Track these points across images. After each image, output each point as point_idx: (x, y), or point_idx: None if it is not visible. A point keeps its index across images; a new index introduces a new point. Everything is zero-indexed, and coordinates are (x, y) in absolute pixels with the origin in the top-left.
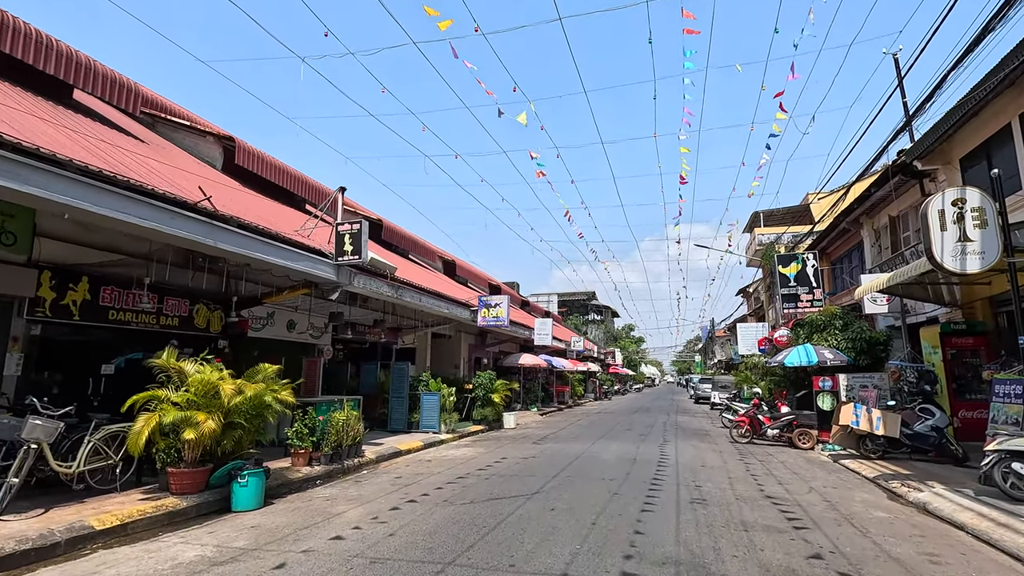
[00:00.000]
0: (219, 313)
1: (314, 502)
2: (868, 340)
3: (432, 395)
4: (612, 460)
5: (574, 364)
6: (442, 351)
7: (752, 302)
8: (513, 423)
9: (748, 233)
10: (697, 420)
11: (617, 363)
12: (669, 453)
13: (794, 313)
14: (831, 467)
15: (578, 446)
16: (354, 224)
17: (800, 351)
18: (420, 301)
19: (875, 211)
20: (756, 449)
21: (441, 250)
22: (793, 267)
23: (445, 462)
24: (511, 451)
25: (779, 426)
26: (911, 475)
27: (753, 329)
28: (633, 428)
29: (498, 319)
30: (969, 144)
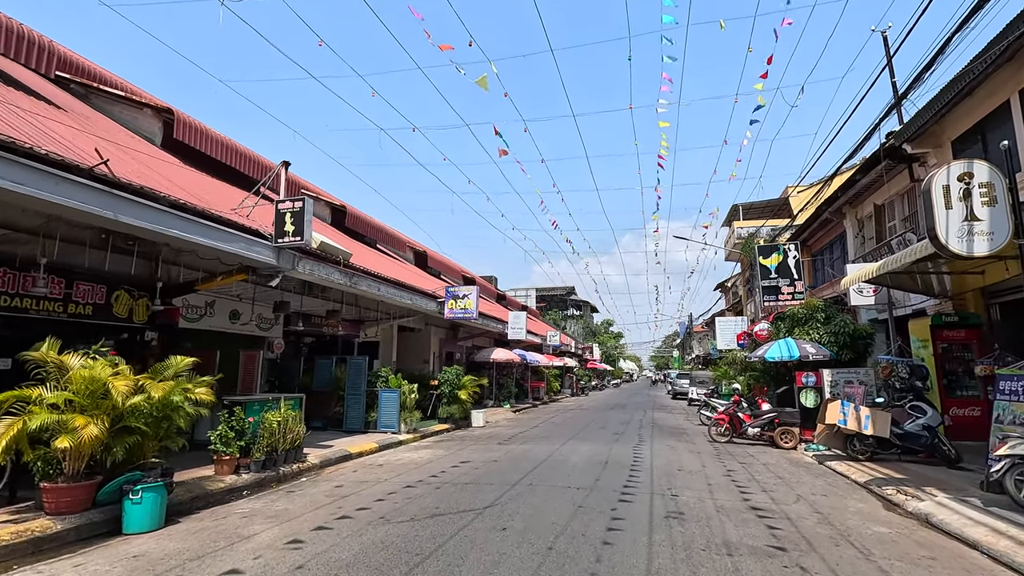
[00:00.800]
0: (145, 301)
1: (228, 520)
2: (851, 334)
3: (391, 392)
4: (581, 464)
5: (549, 359)
6: (410, 345)
7: (730, 297)
8: (482, 421)
9: (727, 227)
10: (674, 417)
11: (595, 358)
12: (644, 455)
13: (775, 306)
14: (817, 470)
15: (546, 447)
16: (296, 202)
17: (781, 345)
18: (379, 291)
19: (859, 200)
20: (736, 449)
21: (412, 240)
22: (774, 258)
23: (398, 467)
24: (473, 453)
25: (760, 424)
26: (905, 479)
27: (732, 323)
28: (607, 426)
29: (466, 311)
30: (963, 124)
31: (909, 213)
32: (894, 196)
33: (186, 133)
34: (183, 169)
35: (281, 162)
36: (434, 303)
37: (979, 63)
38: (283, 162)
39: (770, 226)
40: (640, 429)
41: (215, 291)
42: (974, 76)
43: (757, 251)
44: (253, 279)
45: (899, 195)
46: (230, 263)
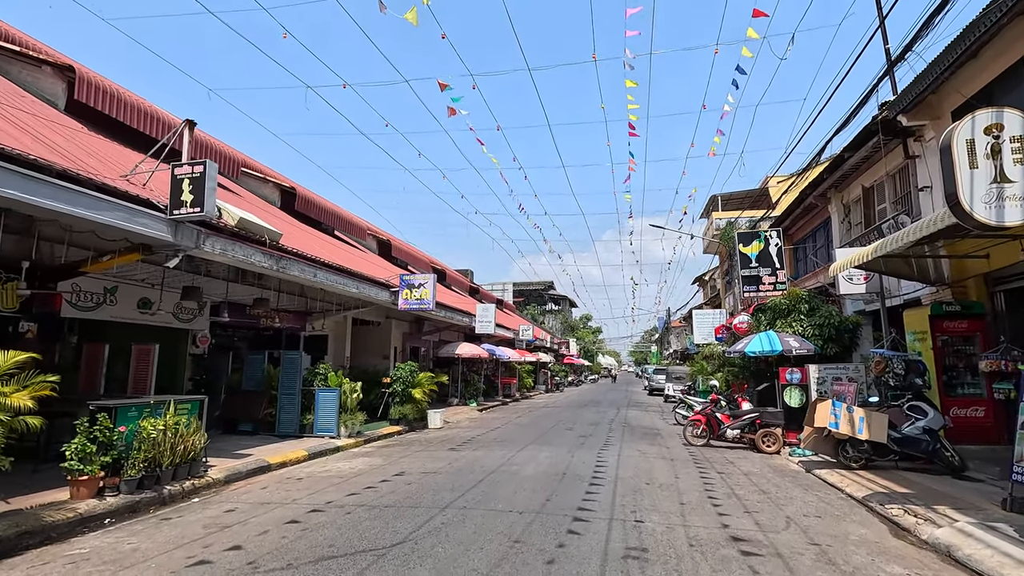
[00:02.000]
0: (14, 285)
1: (47, 568)
2: (837, 326)
3: (329, 392)
4: (535, 476)
5: (521, 354)
6: (368, 340)
7: (708, 290)
8: (439, 422)
9: (706, 219)
10: (648, 416)
11: (572, 353)
12: (609, 462)
13: (755, 297)
14: (806, 480)
15: (500, 454)
16: (196, 166)
17: (762, 338)
18: (315, 277)
19: (845, 183)
20: (714, 454)
21: (374, 227)
22: (755, 246)
23: (319, 481)
24: (415, 462)
25: (740, 426)
26: (909, 494)
27: (710, 316)
28: (575, 427)
29: (422, 302)
30: (966, 91)
31: (901, 194)
32: (884, 177)
33: (90, 94)
34: (84, 135)
35: (184, 121)
36: (386, 292)
37: (986, 18)
38: (187, 121)
39: (748, 217)
40: (610, 431)
41: (115, 275)
42: (982, 32)
43: (737, 238)
44: (152, 259)
45: (889, 176)
46: (112, 238)
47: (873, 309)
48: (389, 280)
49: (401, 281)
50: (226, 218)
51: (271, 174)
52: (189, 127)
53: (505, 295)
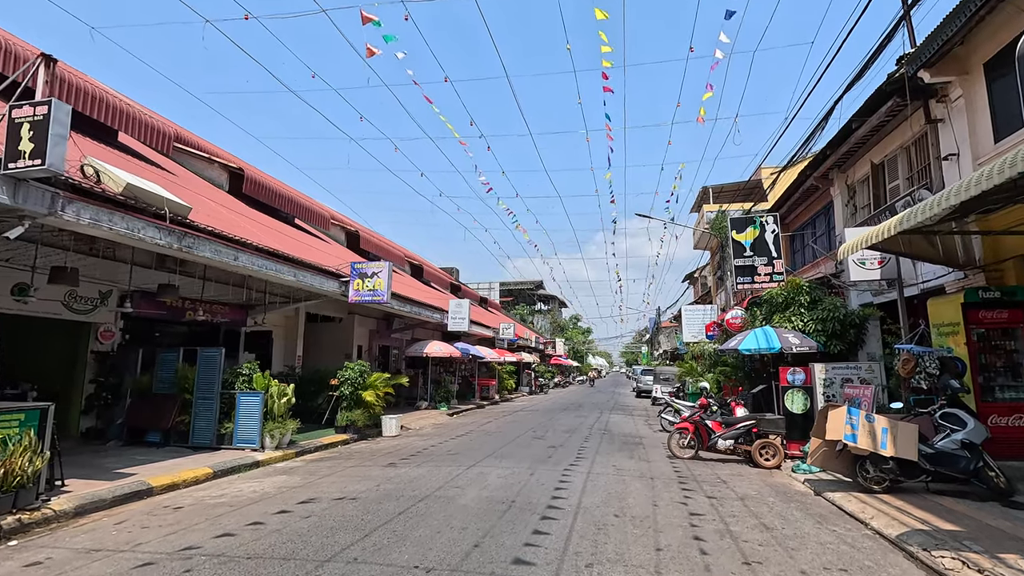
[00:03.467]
0: None
1: None
2: (843, 320)
3: (252, 395)
4: (474, 506)
5: (501, 354)
6: (327, 337)
7: (699, 288)
8: (395, 429)
9: (696, 213)
10: (632, 421)
11: (559, 354)
12: (575, 484)
13: (749, 289)
14: (817, 508)
15: (446, 472)
16: (39, 107)
17: (758, 335)
18: (236, 261)
19: (851, 161)
20: (703, 470)
21: (342, 216)
22: (749, 233)
23: (198, 513)
24: (336, 484)
25: (734, 435)
26: (959, 532)
27: (700, 312)
28: (548, 435)
29: (375, 293)
30: (1001, 38)
31: (918, 168)
32: (897, 150)
33: None
34: None
35: (39, 55)
36: (334, 282)
37: None
38: (42, 55)
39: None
40: (586, 440)
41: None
42: None
43: (729, 224)
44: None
45: (903, 148)
46: None
47: (885, 301)
48: (339, 268)
49: (352, 270)
50: (108, 183)
51: (218, 154)
52: (46, 63)
53: (491, 294)
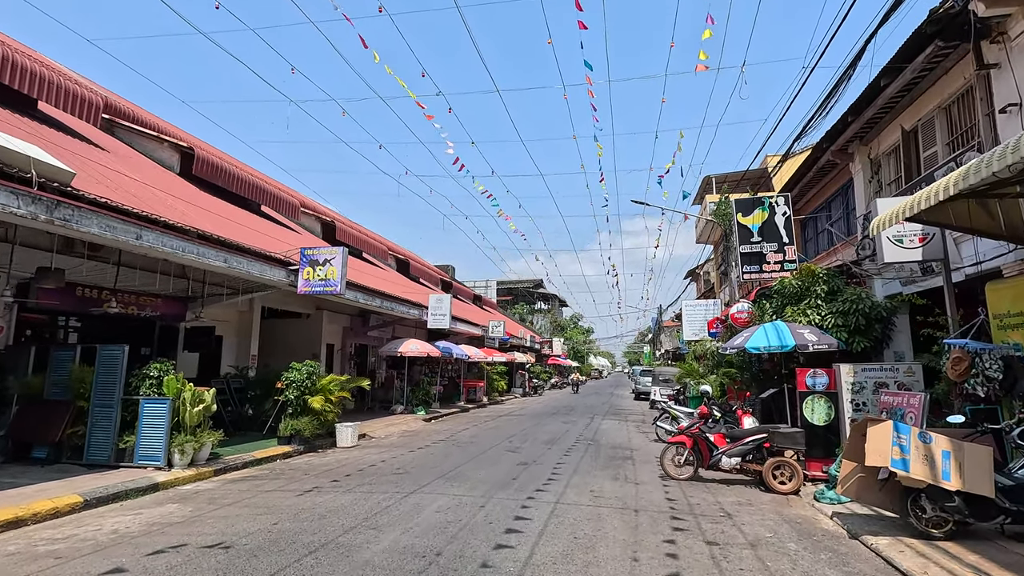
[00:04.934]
0: None
1: None
2: (867, 314)
3: (157, 402)
4: (381, 561)
5: (489, 353)
6: (295, 335)
7: (702, 285)
8: (351, 439)
9: (698, 205)
10: (625, 428)
11: (556, 353)
12: (535, 521)
13: (757, 279)
14: (861, 566)
15: (374, 501)
16: None
17: (768, 331)
18: (139, 240)
19: (874, 132)
20: (702, 497)
21: (315, 204)
22: (757, 215)
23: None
24: (225, 521)
25: (741, 452)
26: None
27: (702, 308)
28: (524, 446)
29: (327, 283)
30: None
31: (963, 129)
32: (935, 110)
33: None
34: None
35: None
36: (281, 271)
37: None
38: None
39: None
40: (567, 452)
41: None
42: None
43: (735, 207)
44: None
45: (942, 108)
46: None
47: (920, 290)
48: (287, 255)
49: (301, 256)
50: None
51: (167, 131)
52: None
53: (488, 292)
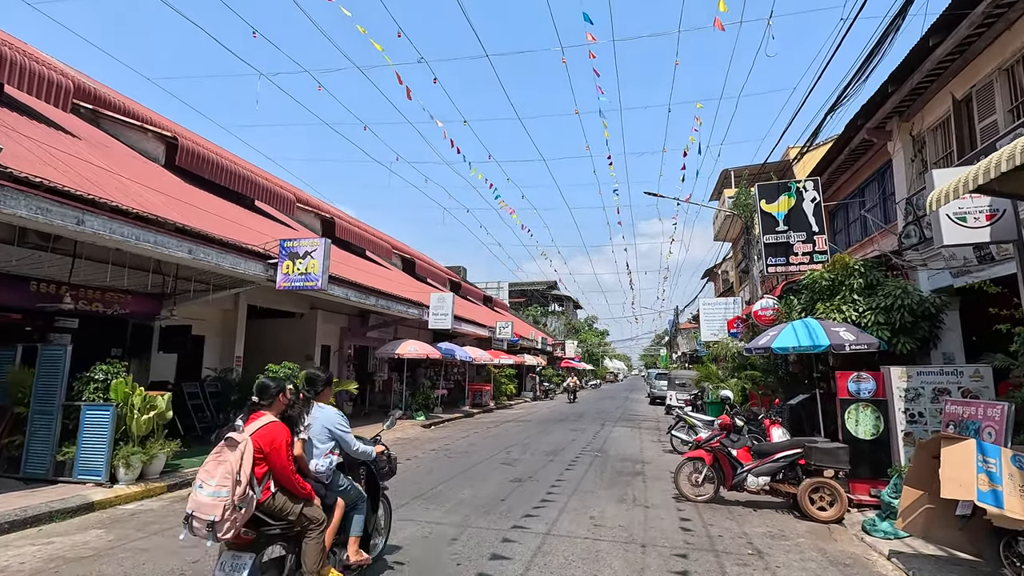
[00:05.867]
0: None
1: None
2: (913, 310)
3: (99, 409)
4: None
5: (495, 356)
6: (287, 336)
7: (720, 284)
8: None
9: (715, 201)
10: (638, 437)
11: (569, 356)
12: (515, 560)
13: (784, 273)
14: None
15: None
16: None
17: (798, 329)
18: (81, 226)
19: (917, 104)
20: (725, 526)
21: (313, 199)
22: (783, 202)
23: None
24: (137, 557)
25: (771, 470)
26: None
27: (722, 306)
28: (522, 458)
29: (307, 277)
30: None
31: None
32: (994, 72)
33: None
34: None
35: None
36: (258, 264)
37: None
38: None
39: None
40: (570, 466)
41: None
42: None
43: (758, 193)
44: None
45: (1002, 69)
46: None
47: (970, 282)
48: (265, 247)
49: (281, 248)
50: None
51: (151, 120)
52: None
53: (500, 294)
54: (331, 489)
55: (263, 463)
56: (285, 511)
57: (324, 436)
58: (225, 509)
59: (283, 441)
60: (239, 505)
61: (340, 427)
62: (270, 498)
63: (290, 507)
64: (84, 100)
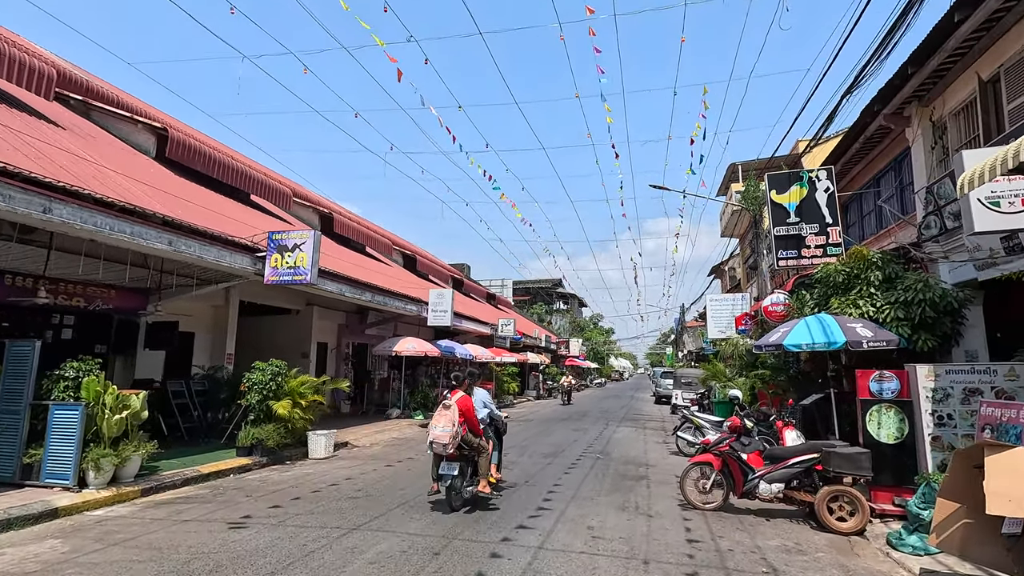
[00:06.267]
0: None
1: None
2: (935, 304)
3: (68, 409)
4: None
5: (497, 354)
6: (283, 333)
7: (727, 281)
8: (325, 450)
9: (723, 196)
10: (642, 438)
11: (573, 354)
12: None
13: (795, 267)
14: None
15: (297, 544)
16: None
17: (811, 325)
18: (48, 215)
19: (938, 88)
20: (735, 539)
21: (309, 192)
22: (795, 192)
23: None
24: (91, 571)
25: (785, 476)
26: None
27: (729, 302)
28: (519, 461)
29: (296, 270)
30: None
31: None
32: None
33: None
34: None
35: None
36: (244, 257)
37: None
38: None
39: None
40: (569, 469)
41: None
42: None
43: (768, 183)
44: None
45: None
46: None
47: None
48: (253, 239)
49: (269, 241)
50: None
51: (141, 111)
52: None
53: (504, 291)
54: (485, 434)
55: (461, 416)
56: (470, 441)
57: (480, 404)
58: (450, 438)
59: (470, 405)
60: (455, 436)
61: (488, 401)
62: (465, 434)
63: (472, 439)
64: (71, 90)
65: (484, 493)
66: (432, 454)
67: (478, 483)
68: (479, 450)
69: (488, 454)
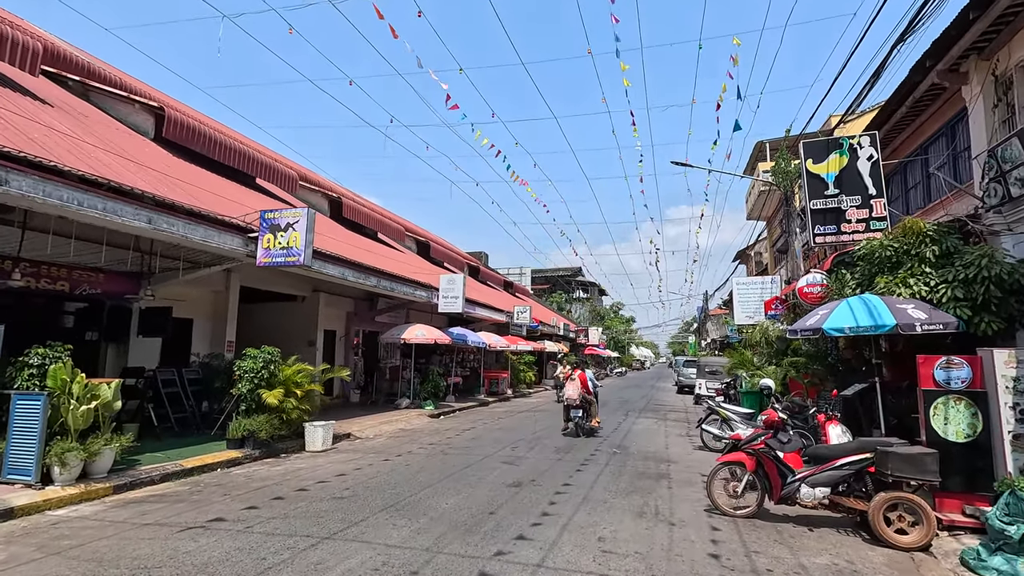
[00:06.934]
0: None
1: None
2: (1001, 282)
3: (30, 399)
4: None
5: (512, 342)
6: (288, 320)
7: (753, 266)
8: (323, 442)
9: (749, 175)
10: (663, 430)
11: (593, 343)
12: None
13: (834, 243)
14: None
15: (255, 556)
16: None
17: (856, 307)
18: (2, 187)
19: (1001, 38)
20: (773, 554)
21: (319, 178)
22: (833, 162)
23: None
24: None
25: (831, 480)
26: None
27: (758, 286)
28: (528, 455)
29: (289, 252)
30: None
31: None
32: None
33: None
34: None
35: None
36: (235, 237)
37: None
38: None
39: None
40: (582, 465)
41: None
42: None
43: (803, 153)
44: None
45: None
46: None
47: None
48: (244, 219)
49: (262, 220)
50: None
51: (139, 91)
52: None
53: (523, 279)
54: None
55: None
56: (586, 397)
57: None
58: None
59: (587, 377)
60: (581, 395)
61: (592, 378)
62: (583, 393)
63: (587, 396)
64: (68, 70)
65: (595, 426)
66: (563, 406)
67: (591, 420)
68: (590, 402)
69: (596, 404)
